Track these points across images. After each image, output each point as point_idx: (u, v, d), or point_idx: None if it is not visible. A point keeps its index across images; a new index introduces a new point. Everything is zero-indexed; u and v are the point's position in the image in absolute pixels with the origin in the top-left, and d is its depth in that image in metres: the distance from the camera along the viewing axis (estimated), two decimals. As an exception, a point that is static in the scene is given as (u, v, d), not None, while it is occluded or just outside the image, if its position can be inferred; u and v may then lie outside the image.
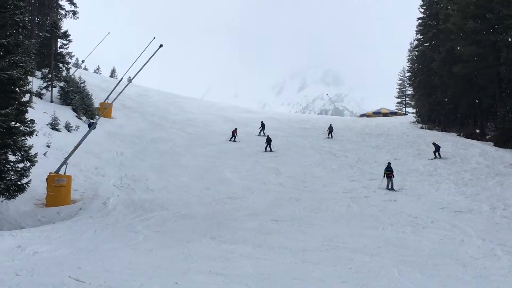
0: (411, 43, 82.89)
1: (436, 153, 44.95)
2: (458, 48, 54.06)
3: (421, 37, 73.46)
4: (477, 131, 56.38)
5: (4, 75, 24.83)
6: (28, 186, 26.77)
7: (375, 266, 18.36)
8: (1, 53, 25.72)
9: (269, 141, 49.74)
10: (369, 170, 40.90)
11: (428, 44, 71.12)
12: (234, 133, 54.41)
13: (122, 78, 66.88)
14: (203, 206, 29.52)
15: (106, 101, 59.19)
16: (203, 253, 19.27)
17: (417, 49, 76.68)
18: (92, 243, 20.14)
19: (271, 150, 48.77)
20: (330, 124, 60.13)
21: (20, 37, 27.11)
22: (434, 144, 46.41)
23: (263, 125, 59.49)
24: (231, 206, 29.93)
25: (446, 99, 62.17)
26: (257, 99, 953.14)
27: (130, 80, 48.38)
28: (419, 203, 30.99)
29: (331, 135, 57.55)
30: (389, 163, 37.11)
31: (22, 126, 26.84)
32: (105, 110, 48.78)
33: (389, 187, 35.07)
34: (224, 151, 48.16)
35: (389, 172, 35.79)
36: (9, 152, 26.27)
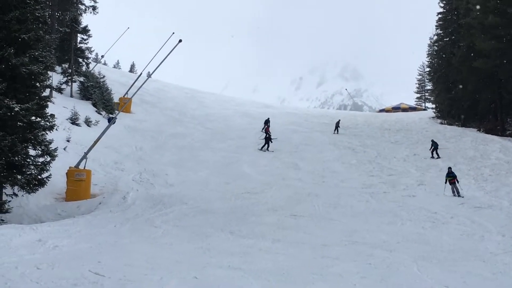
0: (430, 38, 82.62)
1: (434, 152, 44.01)
2: (479, 43, 53.67)
3: (441, 32, 72.97)
4: (497, 126, 56.03)
5: (24, 70, 25.02)
6: (48, 180, 26.94)
7: (394, 261, 18.29)
8: (22, 48, 25.90)
9: (267, 140, 47.42)
10: (388, 166, 40.88)
11: (448, 39, 70.62)
12: (266, 130, 52.31)
13: (141, 73, 67.13)
14: (222, 201, 29.63)
15: (125, 96, 59.46)
16: (222, 247, 19.31)
17: (436, 44, 76.21)
18: (111, 237, 20.21)
19: (267, 150, 46.70)
20: (339, 120, 60.23)
21: (41, 32, 27.20)
22: (432, 141, 45.44)
23: (266, 122, 56.92)
24: (250, 201, 29.99)
25: (466, 94, 61.76)
26: (276, 94, 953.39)
27: (149, 75, 48.47)
28: (438, 199, 30.96)
29: (337, 131, 57.27)
30: (449, 168, 34.08)
31: (43, 121, 27.03)
32: (125, 105, 49.01)
33: (455, 193, 31.99)
34: (243, 146, 48.26)
35: (451, 178, 32.65)
36: (30, 147, 26.47)
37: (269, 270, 16.02)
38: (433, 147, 44.16)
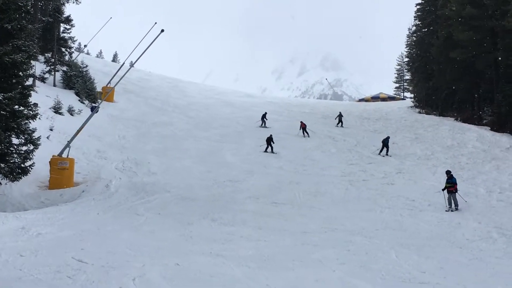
0: (409, 29, 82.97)
1: (384, 150, 41.40)
2: (456, 33, 54.19)
3: (419, 22, 73.39)
4: (474, 116, 56.64)
5: (7, 59, 25.07)
6: (31, 168, 27.16)
7: (373, 248, 18.74)
8: (5, 37, 25.95)
9: (269, 140, 42.86)
10: (367, 154, 41.29)
11: (426, 29, 71.15)
12: (303, 127, 50.11)
13: (124, 63, 67.20)
14: (204, 189, 29.89)
15: (108, 85, 59.43)
16: (204, 235, 19.62)
17: (415, 35, 76.68)
18: (94, 224, 20.40)
19: (272, 152, 42.18)
20: (340, 112, 57.65)
21: (23, 21, 27.29)
22: (386, 139, 42.26)
23: (263, 117, 55.25)
24: (232, 189, 30.33)
25: (443, 84, 62.33)
26: (257, 84, 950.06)
27: (132, 65, 48.43)
28: (416, 187, 31.40)
29: (341, 123, 55.44)
30: (448, 172, 28.34)
31: (26, 110, 27.14)
32: (107, 94, 48.86)
33: (452, 206, 26.60)
34: (225, 135, 48.40)
35: (450, 185, 27.21)
36: (13, 135, 26.66)
37: (250, 257, 16.34)
38: (385, 143, 41.78)
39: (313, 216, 24.52)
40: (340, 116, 56.21)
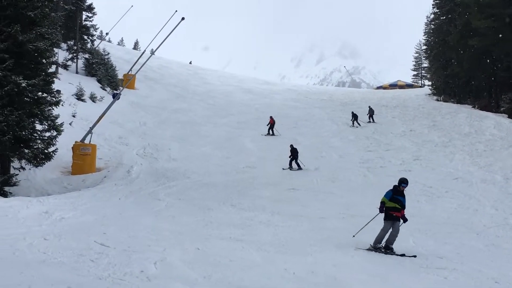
0: (427, 17, 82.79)
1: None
2: (474, 21, 53.93)
3: (437, 10, 73.04)
4: (492, 103, 56.42)
5: (31, 46, 25.44)
6: (54, 154, 27.53)
7: (391, 234, 18.84)
8: (28, 25, 26.29)
9: (294, 153, 34.00)
10: (385, 141, 41.33)
11: (444, 17, 70.75)
12: (271, 123, 46.59)
13: (145, 50, 67.48)
14: (223, 175, 30.24)
15: (129, 73, 59.90)
16: (223, 220, 19.75)
17: (433, 23, 76.39)
18: (116, 209, 20.69)
19: (299, 167, 33.52)
20: (369, 106, 54.15)
21: (47, 9, 27.55)
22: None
23: (354, 116, 50.40)
24: (250, 175, 30.63)
25: (461, 72, 62.02)
26: (276, 71, 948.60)
27: (152, 52, 48.78)
28: (433, 173, 31.38)
29: (372, 119, 51.44)
30: (404, 182, 16.57)
31: (49, 96, 27.57)
32: (129, 81, 49.22)
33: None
34: (244, 121, 48.74)
35: (397, 208, 16.39)
36: (37, 122, 27.04)
37: (269, 242, 16.44)
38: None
39: (331, 202, 24.65)
40: (370, 111, 52.27)
